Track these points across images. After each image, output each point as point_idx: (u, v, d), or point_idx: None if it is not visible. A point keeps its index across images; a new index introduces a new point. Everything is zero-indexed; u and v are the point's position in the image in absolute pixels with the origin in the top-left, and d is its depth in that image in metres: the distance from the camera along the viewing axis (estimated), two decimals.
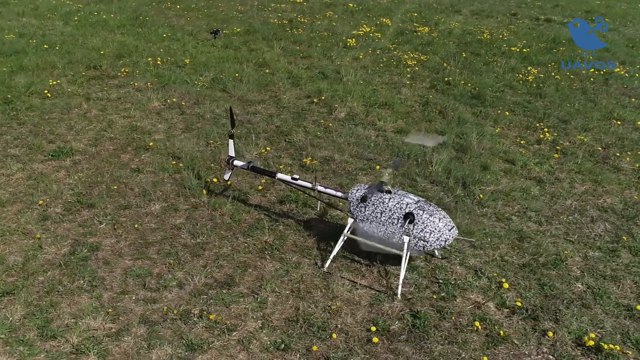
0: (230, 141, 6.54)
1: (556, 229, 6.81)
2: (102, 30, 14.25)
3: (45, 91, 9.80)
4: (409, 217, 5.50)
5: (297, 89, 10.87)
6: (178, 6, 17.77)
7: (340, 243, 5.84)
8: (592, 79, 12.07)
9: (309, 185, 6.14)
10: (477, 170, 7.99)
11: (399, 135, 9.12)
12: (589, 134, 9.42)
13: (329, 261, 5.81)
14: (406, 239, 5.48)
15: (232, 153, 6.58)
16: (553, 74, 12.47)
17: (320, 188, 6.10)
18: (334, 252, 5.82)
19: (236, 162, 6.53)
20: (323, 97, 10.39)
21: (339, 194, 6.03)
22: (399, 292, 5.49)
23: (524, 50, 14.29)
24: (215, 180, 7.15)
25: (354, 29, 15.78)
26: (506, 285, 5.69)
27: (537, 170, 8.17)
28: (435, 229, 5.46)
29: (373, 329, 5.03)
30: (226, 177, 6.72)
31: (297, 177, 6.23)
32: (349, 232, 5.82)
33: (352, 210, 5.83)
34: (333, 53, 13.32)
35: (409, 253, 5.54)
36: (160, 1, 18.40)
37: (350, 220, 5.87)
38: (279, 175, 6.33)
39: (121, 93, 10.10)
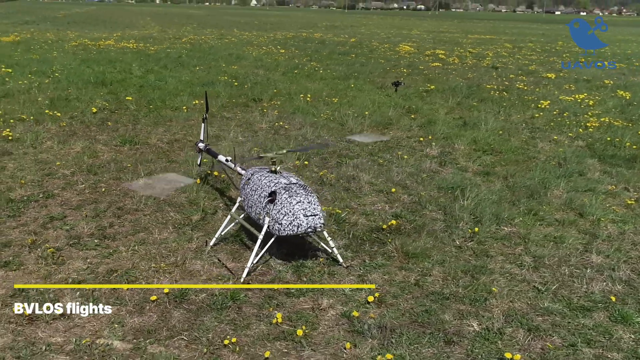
0: (202, 125, 7.02)
1: (539, 276, 5.51)
2: (304, 80, 15.91)
3: (184, 107, 11.54)
4: (271, 195, 5.24)
5: (420, 130, 10.65)
6: (405, 70, 18.64)
7: (226, 222, 5.78)
8: None
9: (232, 166, 6.26)
10: (518, 212, 6.89)
11: (475, 177, 8.31)
12: None
13: (213, 239, 5.76)
14: (267, 220, 5.22)
15: (202, 137, 7.03)
16: None
17: (239, 169, 6.16)
18: (219, 231, 5.76)
19: (200, 145, 6.96)
20: (431, 137, 10.01)
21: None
22: (244, 275, 5.17)
23: None
24: (216, 173, 7.61)
25: (567, 96, 14.53)
26: (371, 298, 4.92)
27: (608, 227, 6.65)
28: (290, 211, 5.08)
29: (166, 290, 4.90)
30: (198, 161, 7.16)
31: (230, 158, 6.40)
32: (235, 212, 5.75)
33: (241, 189, 5.77)
34: (507, 110, 12.57)
35: (263, 235, 5.24)
36: (395, 66, 19.54)
37: (239, 199, 5.80)
38: (219, 157, 6.57)
39: (246, 116, 11.27)
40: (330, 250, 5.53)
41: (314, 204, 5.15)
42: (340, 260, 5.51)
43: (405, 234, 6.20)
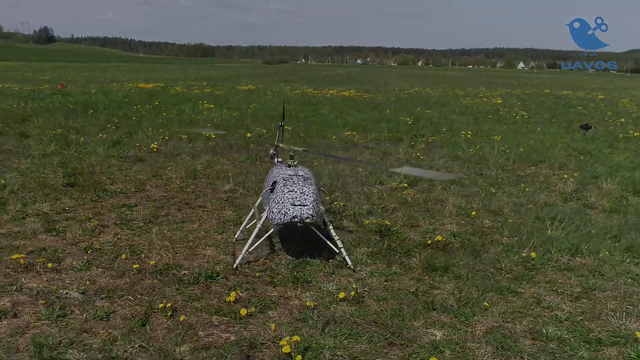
0: (278, 131, 7.39)
1: (574, 305, 4.85)
2: (490, 123, 15.55)
3: (334, 136, 12.07)
4: (273, 185, 5.43)
5: (576, 170, 9.82)
6: (623, 119, 17.18)
7: (250, 215, 6.02)
8: None
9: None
10: (611, 247, 6.12)
11: (597, 213, 7.45)
12: None
13: (238, 232, 6.05)
14: (267, 209, 5.41)
15: (277, 142, 7.39)
16: None
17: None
18: (244, 224, 6.03)
19: (271, 151, 7.34)
20: (576, 174, 9.19)
21: None
22: (238, 261, 5.35)
23: None
24: None
25: None
26: (342, 295, 4.79)
27: None
28: (280, 200, 5.21)
29: (152, 262, 5.28)
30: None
31: (281, 160, 6.69)
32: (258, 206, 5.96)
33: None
34: None
35: (263, 224, 5.41)
36: (615, 117, 18.04)
37: (262, 193, 6.02)
38: (275, 159, 6.89)
39: (390, 147, 11.46)
40: (337, 251, 5.44)
41: (307, 195, 5.18)
42: (349, 262, 5.40)
43: (448, 251, 5.82)
